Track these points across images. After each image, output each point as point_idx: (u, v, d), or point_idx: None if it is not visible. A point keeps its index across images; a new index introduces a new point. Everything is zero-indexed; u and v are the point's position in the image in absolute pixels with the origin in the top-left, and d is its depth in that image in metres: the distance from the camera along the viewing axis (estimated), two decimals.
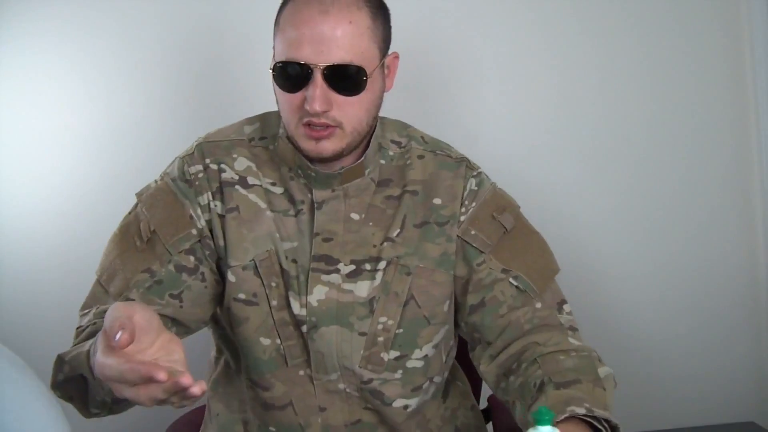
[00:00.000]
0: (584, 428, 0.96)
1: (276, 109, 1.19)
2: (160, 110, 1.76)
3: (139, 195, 1.21)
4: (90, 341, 0.99)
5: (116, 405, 1.03)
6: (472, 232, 1.19)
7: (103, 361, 0.83)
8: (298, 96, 1.08)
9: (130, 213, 1.20)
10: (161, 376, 0.77)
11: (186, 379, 0.78)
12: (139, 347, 0.84)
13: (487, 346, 1.17)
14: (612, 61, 1.83)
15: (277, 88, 1.12)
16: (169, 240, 1.15)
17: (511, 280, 1.17)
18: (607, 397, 1.05)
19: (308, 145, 1.11)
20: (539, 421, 0.73)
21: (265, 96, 1.20)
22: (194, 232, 1.16)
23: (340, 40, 1.06)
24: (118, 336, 0.81)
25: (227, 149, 1.20)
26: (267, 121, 1.24)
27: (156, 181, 1.21)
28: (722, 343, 1.88)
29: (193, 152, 1.20)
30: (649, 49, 1.84)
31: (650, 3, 1.83)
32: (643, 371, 1.87)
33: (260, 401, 1.20)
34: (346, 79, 1.07)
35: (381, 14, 1.13)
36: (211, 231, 1.17)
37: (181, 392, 0.79)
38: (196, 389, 0.78)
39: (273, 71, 1.10)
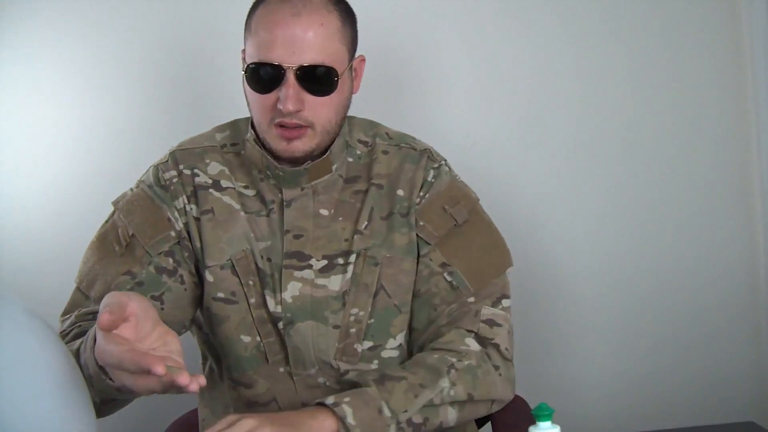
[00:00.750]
0: (330, 416, 1.03)
1: (246, 114, 1.25)
2: (158, 110, 1.76)
3: (115, 203, 1.23)
4: (78, 341, 1.01)
5: (105, 406, 1.03)
6: (420, 224, 1.22)
7: (104, 348, 0.83)
8: (270, 97, 1.12)
9: (107, 221, 1.22)
10: (159, 369, 0.77)
11: (183, 379, 0.78)
12: (138, 335, 0.85)
13: (417, 334, 1.21)
14: (611, 60, 1.83)
15: (249, 89, 1.15)
16: (148, 242, 1.17)
17: (445, 275, 1.20)
18: (411, 403, 1.07)
19: (280, 146, 1.14)
20: (539, 417, 0.72)
21: None
22: (173, 234, 1.19)
23: (312, 41, 1.10)
24: (100, 315, 0.81)
25: (200, 156, 1.23)
26: (237, 128, 1.27)
27: (132, 189, 1.24)
28: (721, 343, 1.87)
29: (167, 160, 1.24)
30: (649, 48, 1.84)
31: (650, 2, 1.83)
32: (641, 371, 1.86)
33: (244, 400, 1.21)
34: (317, 79, 1.11)
35: (349, 18, 1.18)
36: (188, 233, 1.20)
37: (177, 387, 0.80)
38: (193, 386, 0.79)
39: (245, 73, 1.14)
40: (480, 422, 1.43)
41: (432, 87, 1.81)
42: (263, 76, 1.12)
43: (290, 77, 1.10)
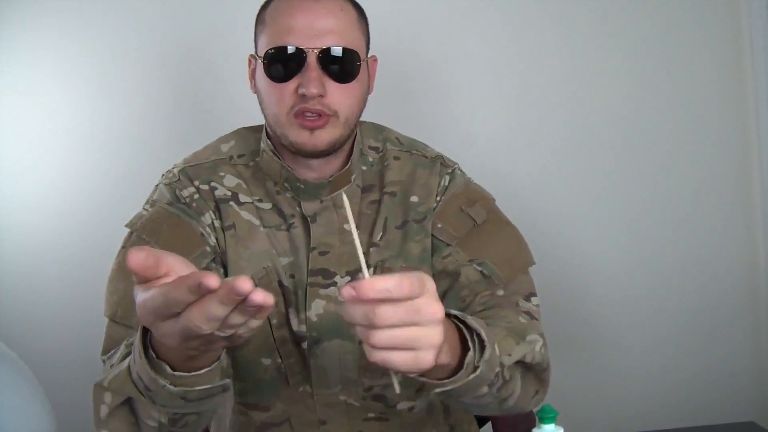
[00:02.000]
0: (454, 332, 0.86)
1: (246, 122, 1.19)
2: (161, 110, 1.75)
3: (131, 225, 1.12)
4: (127, 359, 0.89)
5: (174, 427, 0.92)
6: (439, 226, 1.16)
7: (144, 298, 0.70)
8: (290, 85, 1.06)
9: (124, 246, 1.11)
10: (212, 282, 0.64)
11: (243, 284, 0.64)
12: None
13: None
14: (613, 59, 1.83)
15: (264, 82, 1.09)
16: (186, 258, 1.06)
17: (475, 266, 1.12)
18: (513, 348, 0.97)
19: (302, 137, 1.07)
20: (543, 420, 0.72)
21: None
22: (208, 249, 1.10)
23: (333, 25, 1.06)
24: (129, 253, 0.69)
25: (212, 169, 1.16)
26: (241, 138, 1.21)
27: (146, 209, 1.13)
28: (721, 343, 1.87)
29: (179, 177, 1.15)
30: (649, 48, 1.83)
31: (650, 4, 1.83)
32: (641, 371, 1.86)
33: (256, 424, 1.14)
34: (340, 63, 1.06)
35: (363, 16, 1.15)
36: (221, 249, 1.13)
37: (242, 305, 0.67)
38: (258, 296, 0.65)
39: (264, 59, 1.08)
40: (480, 422, 1.43)
41: (431, 87, 1.80)
42: (283, 61, 1.06)
43: (312, 60, 1.05)
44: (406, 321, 0.70)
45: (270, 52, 1.07)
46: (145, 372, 0.80)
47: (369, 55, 1.16)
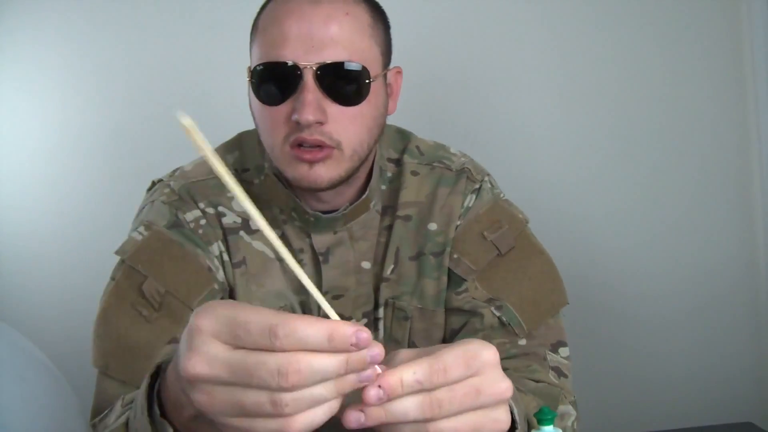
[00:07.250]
0: None
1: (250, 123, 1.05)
2: (160, 109, 1.75)
3: (122, 253, 0.95)
4: (124, 416, 0.75)
5: None
6: (455, 256, 1.01)
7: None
8: (282, 109, 0.89)
9: (113, 278, 0.95)
10: (364, 335, 0.53)
11: (362, 331, 0.54)
12: None
13: None
14: (614, 61, 1.83)
15: (255, 102, 0.92)
16: (192, 300, 0.92)
17: (493, 309, 0.98)
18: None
19: (299, 172, 0.91)
20: (542, 422, 0.72)
21: None
22: (216, 287, 0.95)
23: (336, 34, 0.88)
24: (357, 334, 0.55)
25: (219, 188, 0.98)
26: (245, 147, 1.04)
27: (140, 233, 0.96)
28: (720, 344, 1.87)
29: (179, 196, 0.99)
30: (649, 48, 1.84)
31: (652, 3, 1.83)
32: (640, 372, 1.86)
33: None
34: (344, 82, 0.88)
35: (380, 18, 0.97)
36: (230, 288, 0.98)
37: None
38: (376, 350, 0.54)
39: (251, 78, 0.92)
40: None
41: (431, 85, 1.81)
42: (274, 81, 0.88)
43: (308, 79, 0.87)
44: (465, 406, 0.58)
45: (258, 69, 0.90)
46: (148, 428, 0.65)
47: (391, 67, 0.98)
